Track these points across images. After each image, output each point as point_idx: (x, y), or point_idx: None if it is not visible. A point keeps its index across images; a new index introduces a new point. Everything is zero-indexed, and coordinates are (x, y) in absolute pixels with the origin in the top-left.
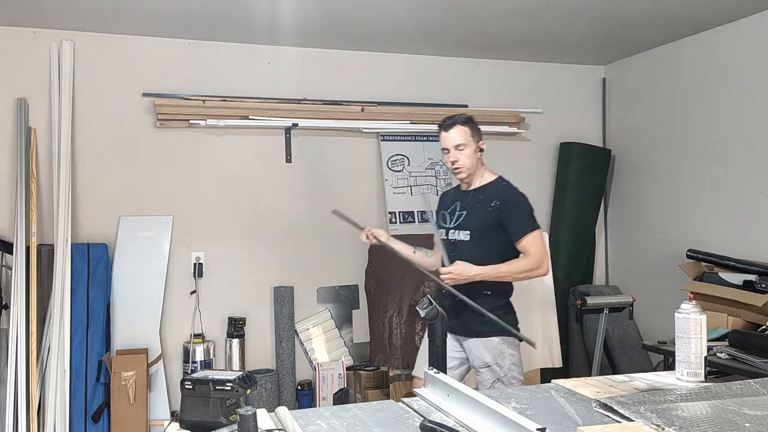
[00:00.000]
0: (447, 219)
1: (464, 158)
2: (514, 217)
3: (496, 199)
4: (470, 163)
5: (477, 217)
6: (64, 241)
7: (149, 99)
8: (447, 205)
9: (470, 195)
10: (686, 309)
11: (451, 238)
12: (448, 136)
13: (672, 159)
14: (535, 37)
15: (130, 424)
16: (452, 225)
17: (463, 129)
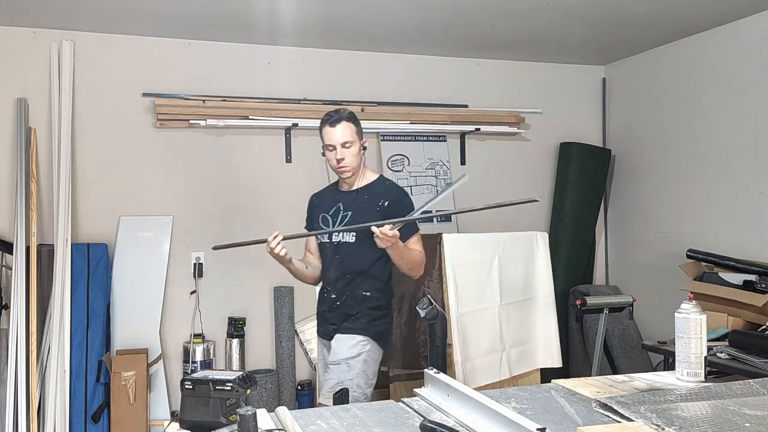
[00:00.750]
0: (329, 221)
1: (350, 156)
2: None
3: (383, 198)
4: (356, 161)
5: (364, 217)
6: (64, 241)
7: (149, 99)
8: (327, 206)
9: (354, 195)
10: (686, 309)
11: (335, 240)
12: (334, 132)
13: (672, 159)
14: (535, 37)
15: (130, 424)
16: (336, 226)
17: (350, 126)
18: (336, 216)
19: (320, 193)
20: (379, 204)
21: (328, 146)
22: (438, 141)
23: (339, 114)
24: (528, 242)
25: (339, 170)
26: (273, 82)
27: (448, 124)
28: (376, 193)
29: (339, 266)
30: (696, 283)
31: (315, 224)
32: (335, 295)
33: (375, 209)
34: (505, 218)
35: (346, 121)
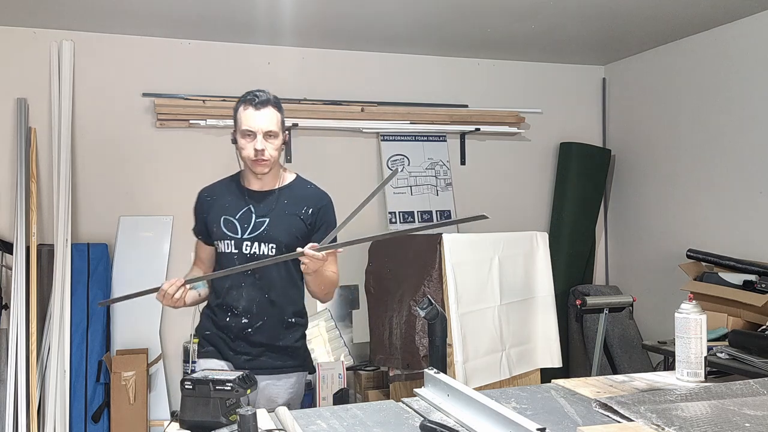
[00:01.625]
0: (237, 228)
1: (272, 150)
2: (329, 228)
3: (307, 204)
4: (277, 156)
5: (285, 225)
6: (64, 241)
7: (149, 99)
8: (230, 208)
9: (271, 197)
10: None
11: (246, 252)
12: (257, 116)
13: (672, 159)
14: (535, 37)
15: (130, 424)
16: (248, 235)
17: (276, 114)
18: (246, 222)
19: (215, 190)
20: (302, 211)
21: (246, 132)
22: (438, 141)
23: (266, 96)
24: (528, 242)
25: (256, 164)
26: (273, 82)
27: (448, 124)
28: (298, 198)
29: (255, 285)
30: (696, 283)
31: (213, 228)
32: (246, 319)
33: (298, 217)
34: (505, 218)
35: (273, 108)
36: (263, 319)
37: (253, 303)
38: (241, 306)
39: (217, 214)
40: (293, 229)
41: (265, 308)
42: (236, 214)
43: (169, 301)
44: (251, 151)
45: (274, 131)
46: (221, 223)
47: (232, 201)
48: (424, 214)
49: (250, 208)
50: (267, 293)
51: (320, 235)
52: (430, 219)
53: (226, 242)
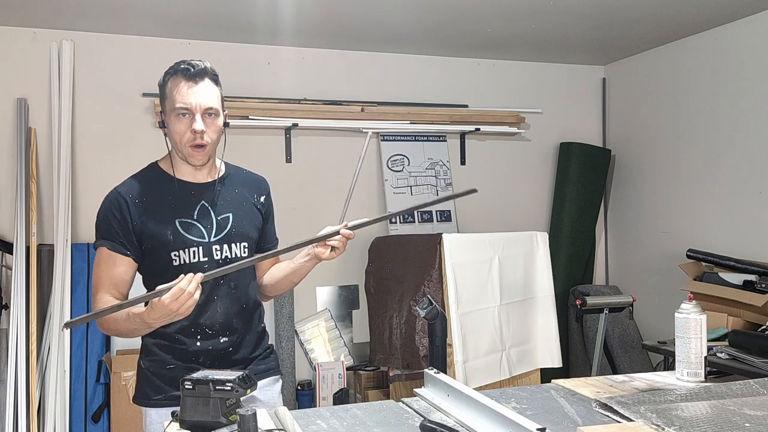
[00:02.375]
0: (201, 230)
1: (214, 132)
2: (273, 216)
3: (258, 191)
4: (217, 141)
5: (249, 218)
6: (64, 241)
7: (149, 99)
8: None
9: (219, 189)
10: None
11: (218, 257)
12: (194, 91)
13: (672, 159)
14: (535, 37)
15: (130, 425)
16: (215, 237)
17: (216, 88)
18: (208, 222)
19: (139, 188)
20: (254, 199)
21: (181, 110)
22: (438, 141)
23: (202, 65)
24: (528, 242)
25: (193, 150)
26: (273, 82)
27: (448, 124)
28: (246, 185)
29: (231, 295)
30: (696, 283)
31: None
32: (225, 338)
33: (255, 207)
34: (505, 218)
35: (212, 81)
36: (241, 333)
37: (232, 317)
38: (217, 324)
39: (165, 218)
40: (256, 221)
41: (244, 320)
42: (191, 212)
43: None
44: (187, 134)
45: (215, 108)
46: (179, 228)
47: (176, 199)
48: (424, 214)
49: (202, 204)
50: (245, 302)
51: (270, 223)
52: (430, 219)
53: (191, 250)
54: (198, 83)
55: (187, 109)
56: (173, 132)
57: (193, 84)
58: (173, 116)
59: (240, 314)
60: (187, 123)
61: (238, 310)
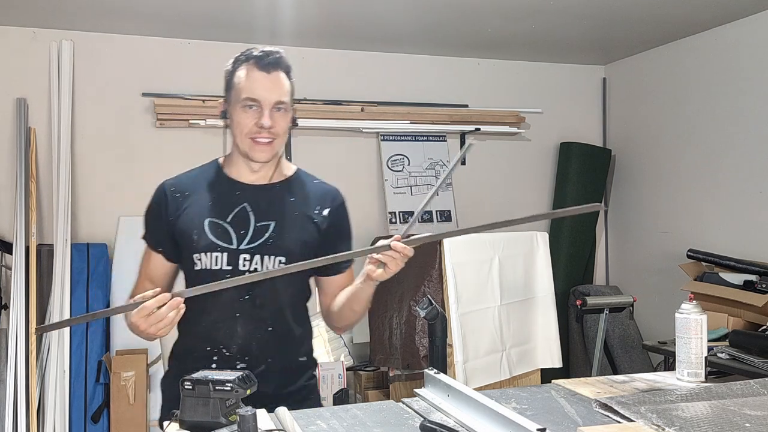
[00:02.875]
0: (231, 235)
1: (283, 125)
2: (341, 236)
3: (321, 203)
4: (284, 139)
5: (297, 231)
6: (63, 241)
7: (149, 99)
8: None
9: (272, 193)
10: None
11: (245, 268)
12: (266, 81)
13: (672, 159)
14: (535, 37)
15: (130, 425)
16: (246, 245)
17: (288, 82)
18: (243, 227)
19: (186, 183)
20: (314, 212)
21: (248, 102)
22: (438, 141)
23: (278, 56)
24: (528, 242)
25: (256, 146)
26: None
27: (448, 124)
28: (308, 194)
29: (253, 315)
30: (696, 283)
31: (190, 236)
32: (244, 364)
33: (311, 220)
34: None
35: (284, 72)
36: (267, 361)
37: (252, 340)
38: (234, 346)
39: (197, 217)
40: (306, 236)
41: (269, 346)
42: (227, 215)
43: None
44: (252, 126)
45: (286, 103)
46: (206, 229)
47: (217, 198)
48: (424, 215)
49: (245, 207)
50: (271, 325)
51: (331, 244)
52: (430, 219)
53: (213, 255)
54: (271, 73)
55: (256, 101)
56: (236, 124)
57: (266, 74)
58: (239, 107)
59: (265, 339)
60: (253, 116)
61: (262, 334)
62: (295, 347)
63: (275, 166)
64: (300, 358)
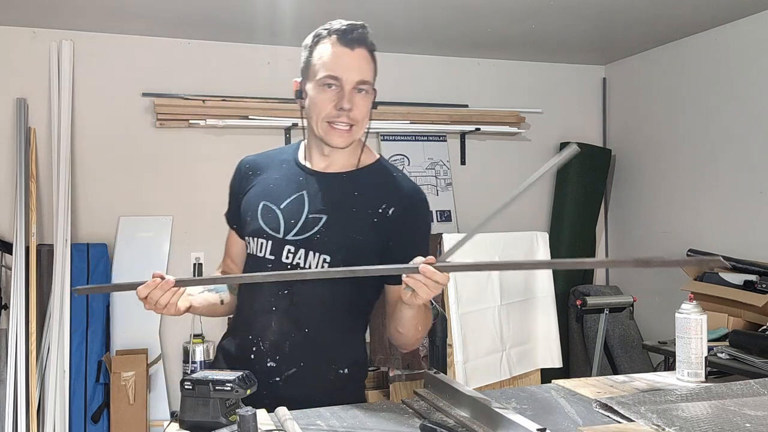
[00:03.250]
0: (279, 222)
1: (363, 110)
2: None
3: (389, 200)
4: (363, 125)
5: (350, 229)
6: (63, 241)
7: (149, 99)
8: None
9: (336, 184)
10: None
11: (287, 261)
12: (349, 57)
13: (672, 159)
14: (535, 37)
15: (130, 425)
16: (293, 236)
17: (372, 62)
18: (295, 216)
19: (261, 161)
20: (379, 210)
21: (328, 80)
22: (438, 141)
23: (361, 32)
24: (528, 242)
25: (333, 131)
26: (273, 82)
27: (448, 124)
28: (377, 190)
29: (289, 313)
30: (696, 283)
31: (247, 216)
32: (274, 363)
33: (371, 218)
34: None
35: (367, 50)
36: (298, 365)
37: (285, 340)
38: (268, 341)
39: (255, 198)
40: (360, 236)
41: (301, 350)
42: (282, 201)
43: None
44: (330, 109)
45: (368, 83)
46: (258, 212)
47: (279, 182)
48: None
49: (302, 196)
50: (307, 327)
51: (394, 250)
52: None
53: (259, 242)
54: (354, 50)
55: (337, 79)
56: (313, 104)
57: (349, 50)
58: (317, 86)
59: (298, 342)
60: (331, 96)
61: (296, 335)
62: (333, 356)
63: (352, 153)
64: (340, 369)
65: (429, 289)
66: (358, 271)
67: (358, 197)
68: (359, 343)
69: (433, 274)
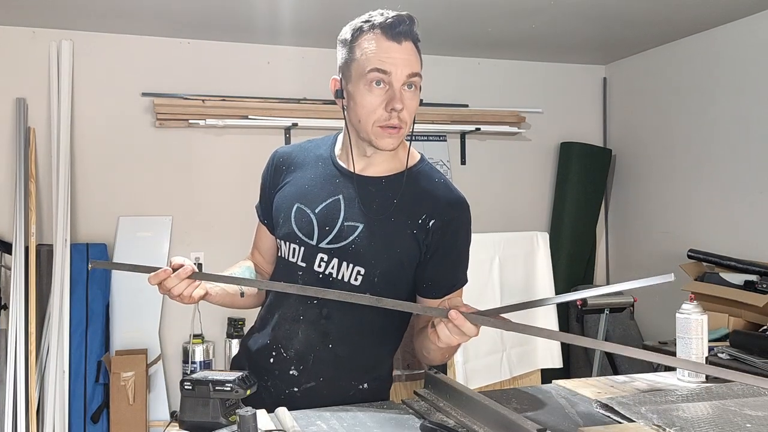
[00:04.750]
0: (314, 229)
1: (412, 108)
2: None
3: (428, 210)
4: (411, 124)
5: (385, 241)
6: (63, 241)
7: (148, 99)
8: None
9: (376, 189)
10: (687, 309)
11: (319, 270)
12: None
13: (673, 159)
14: (536, 37)
15: (130, 425)
16: (327, 244)
17: (417, 53)
18: (330, 222)
19: (297, 156)
20: (418, 221)
21: (377, 74)
22: (438, 141)
23: (408, 25)
24: (528, 242)
25: (384, 133)
26: (273, 82)
27: (448, 123)
28: (418, 198)
29: (316, 326)
30: (697, 284)
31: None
32: (296, 372)
33: (410, 230)
34: (505, 218)
35: (413, 43)
36: (319, 379)
37: (311, 353)
38: (293, 350)
39: (288, 198)
40: (398, 249)
41: (325, 366)
42: (317, 205)
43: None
44: (380, 110)
45: (417, 79)
46: (292, 215)
47: (315, 181)
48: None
49: (338, 200)
50: (332, 342)
51: (435, 265)
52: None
53: (291, 246)
54: (402, 44)
55: (386, 73)
56: (359, 105)
57: (396, 44)
58: (362, 84)
59: (323, 358)
60: (381, 95)
61: (321, 349)
62: (356, 374)
63: (394, 155)
64: (361, 385)
65: (452, 335)
66: (384, 302)
67: (397, 206)
68: (385, 361)
69: (463, 323)
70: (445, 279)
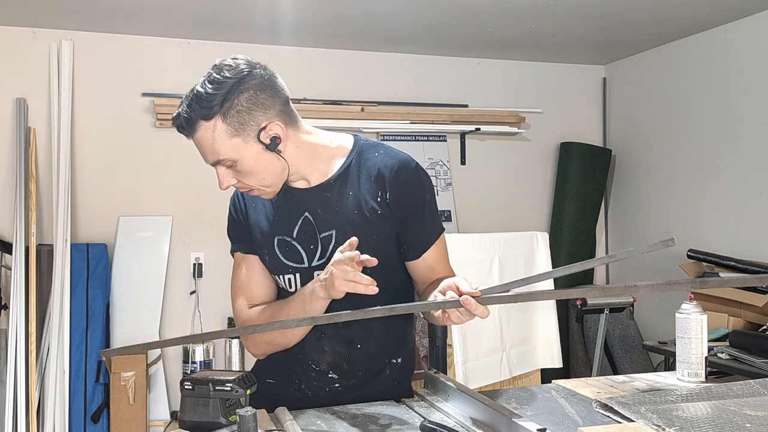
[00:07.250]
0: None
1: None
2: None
3: (380, 186)
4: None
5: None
6: (63, 241)
7: (149, 99)
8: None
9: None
10: (687, 309)
11: None
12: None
13: (672, 159)
14: (535, 37)
15: (130, 425)
16: (317, 261)
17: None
18: (310, 242)
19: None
20: (377, 198)
21: None
22: (438, 141)
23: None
24: (528, 242)
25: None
26: None
27: (448, 124)
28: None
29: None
30: None
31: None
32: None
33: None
34: (505, 218)
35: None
36: (357, 375)
37: (342, 360)
38: (324, 362)
39: (266, 231)
40: (374, 236)
41: (358, 364)
42: (292, 230)
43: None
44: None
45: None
46: (276, 249)
47: (279, 207)
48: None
49: (306, 218)
50: (359, 343)
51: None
52: None
53: (286, 278)
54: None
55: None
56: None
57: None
58: None
59: (355, 359)
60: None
61: (350, 354)
62: (388, 354)
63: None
64: (394, 359)
65: (463, 317)
66: (397, 309)
67: (352, 198)
68: (408, 333)
69: (476, 308)
70: (421, 238)
